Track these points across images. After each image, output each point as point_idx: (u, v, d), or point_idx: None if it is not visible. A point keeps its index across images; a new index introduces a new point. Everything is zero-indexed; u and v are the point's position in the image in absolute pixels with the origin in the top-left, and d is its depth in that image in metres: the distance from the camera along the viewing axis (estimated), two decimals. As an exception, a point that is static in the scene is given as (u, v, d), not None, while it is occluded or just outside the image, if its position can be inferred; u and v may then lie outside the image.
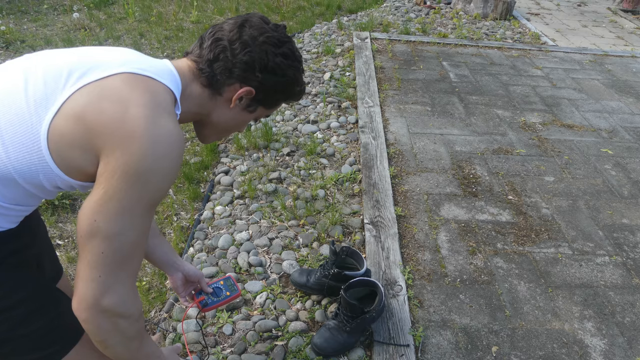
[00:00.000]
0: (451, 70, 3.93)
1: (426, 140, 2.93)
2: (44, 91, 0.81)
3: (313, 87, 3.48)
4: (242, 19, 0.95)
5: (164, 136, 0.80)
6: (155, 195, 0.83)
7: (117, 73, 0.83)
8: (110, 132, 0.78)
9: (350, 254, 1.77)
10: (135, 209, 0.81)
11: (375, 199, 2.33)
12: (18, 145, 0.79)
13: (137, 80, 0.84)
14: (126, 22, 4.60)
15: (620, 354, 1.69)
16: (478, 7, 5.42)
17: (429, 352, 1.65)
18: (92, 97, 0.80)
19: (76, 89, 0.81)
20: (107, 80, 0.82)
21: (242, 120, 1.02)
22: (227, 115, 0.99)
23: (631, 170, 2.77)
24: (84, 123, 0.79)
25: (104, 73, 0.83)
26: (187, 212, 2.27)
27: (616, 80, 4.03)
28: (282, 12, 5.10)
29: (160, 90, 0.85)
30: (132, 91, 0.82)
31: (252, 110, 1.00)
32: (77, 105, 0.80)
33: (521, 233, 2.22)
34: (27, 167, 0.81)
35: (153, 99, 0.83)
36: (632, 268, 2.07)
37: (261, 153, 2.71)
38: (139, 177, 0.79)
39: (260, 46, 0.92)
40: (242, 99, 0.96)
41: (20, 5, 4.85)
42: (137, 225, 0.82)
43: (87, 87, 0.81)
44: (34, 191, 0.86)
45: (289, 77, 0.98)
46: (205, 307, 1.33)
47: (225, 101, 0.96)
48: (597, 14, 6.17)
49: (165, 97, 0.85)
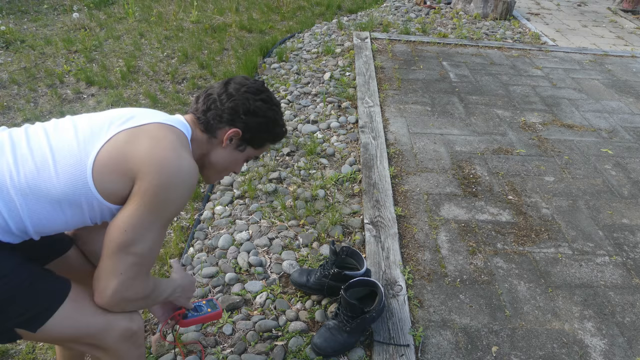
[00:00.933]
0: (451, 70, 3.93)
1: (426, 140, 2.93)
2: (90, 134, 1.03)
3: (313, 87, 3.48)
4: (227, 80, 1.20)
5: (186, 167, 1.03)
6: (174, 213, 1.04)
7: (151, 122, 1.07)
8: (146, 159, 1.00)
9: (350, 254, 1.77)
10: (158, 222, 1.02)
11: (375, 199, 2.33)
12: (68, 174, 0.99)
13: (165, 127, 1.08)
14: (126, 22, 4.60)
15: (620, 354, 1.69)
16: (478, 7, 5.42)
17: (429, 352, 1.65)
18: (131, 136, 1.03)
19: (118, 131, 1.03)
20: (143, 126, 1.06)
21: (235, 159, 1.22)
22: (221, 155, 1.20)
23: (631, 170, 2.77)
24: (124, 153, 1.01)
25: (140, 122, 1.06)
26: (187, 212, 2.27)
27: (616, 80, 4.03)
28: (282, 12, 5.10)
29: (181, 135, 1.10)
30: (163, 132, 1.06)
31: (242, 149, 1.21)
32: (119, 141, 1.02)
33: (521, 233, 2.22)
34: (73, 193, 0.99)
35: (178, 139, 1.07)
36: (632, 268, 2.07)
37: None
38: (166, 197, 1.00)
39: (242, 95, 1.16)
40: (232, 139, 1.18)
41: (20, 5, 4.85)
42: (157, 235, 1.03)
43: (127, 130, 1.04)
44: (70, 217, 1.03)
45: (269, 118, 1.20)
46: (185, 318, 1.31)
47: (219, 143, 1.18)
48: (597, 14, 6.17)
49: (184, 140, 1.10)
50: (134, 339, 1.11)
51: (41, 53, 3.82)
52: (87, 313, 1.03)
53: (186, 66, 3.77)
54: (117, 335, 1.07)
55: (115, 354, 1.10)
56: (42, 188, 0.97)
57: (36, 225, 0.99)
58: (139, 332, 1.12)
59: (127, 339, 1.09)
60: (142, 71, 3.66)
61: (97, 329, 1.05)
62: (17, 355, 1.58)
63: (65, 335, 1.03)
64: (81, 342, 1.06)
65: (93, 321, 1.04)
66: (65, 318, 1.01)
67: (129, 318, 1.09)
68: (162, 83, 3.51)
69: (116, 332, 1.07)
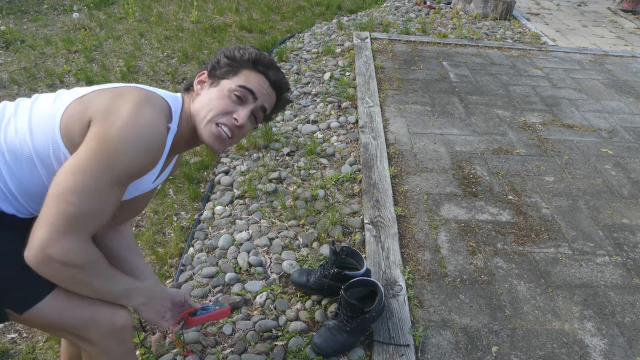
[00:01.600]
0: (451, 70, 3.93)
1: (426, 140, 2.93)
2: (69, 96, 1.01)
3: (313, 87, 3.48)
4: None
5: (144, 120, 0.95)
6: (122, 172, 0.94)
7: (132, 85, 1.04)
8: (102, 107, 0.96)
9: (350, 254, 1.77)
10: (101, 178, 0.92)
11: (375, 199, 2.33)
12: (41, 131, 0.97)
13: (142, 90, 1.03)
14: (126, 22, 4.60)
15: (620, 354, 1.69)
16: (478, 7, 5.42)
17: (429, 352, 1.65)
18: (101, 92, 1.01)
19: (94, 90, 1.02)
20: (120, 87, 1.03)
21: (216, 95, 1.12)
22: (199, 100, 1.13)
23: (631, 170, 2.77)
24: (86, 102, 0.98)
25: (119, 85, 1.04)
26: (187, 212, 2.27)
27: (616, 80, 4.03)
28: (282, 12, 5.10)
29: (157, 99, 1.03)
30: (135, 92, 1.01)
31: (215, 84, 1.13)
32: (89, 96, 1.00)
33: (521, 233, 2.22)
34: (43, 147, 0.97)
35: (147, 98, 1.00)
36: (632, 268, 2.07)
37: (261, 153, 2.71)
38: (115, 147, 0.92)
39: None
40: (204, 83, 1.15)
41: (20, 5, 4.85)
42: (102, 191, 0.93)
43: (102, 89, 1.02)
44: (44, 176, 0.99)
45: (228, 50, 1.16)
46: (194, 316, 1.31)
47: (196, 94, 1.15)
48: (597, 14, 6.17)
49: (160, 103, 1.03)
50: (119, 335, 1.10)
51: (41, 53, 3.82)
52: (74, 304, 1.03)
53: (186, 66, 3.77)
54: (101, 330, 1.07)
55: (99, 349, 1.09)
56: (17, 145, 0.97)
57: (18, 186, 0.98)
58: (124, 328, 1.10)
59: (111, 334, 1.09)
60: (142, 71, 3.66)
61: (82, 321, 1.05)
62: (17, 355, 1.58)
63: (50, 322, 1.03)
64: (67, 332, 1.07)
65: (78, 313, 1.04)
66: (51, 306, 1.01)
67: (113, 312, 1.08)
68: (162, 83, 3.51)
69: (100, 326, 1.06)
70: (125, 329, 1.11)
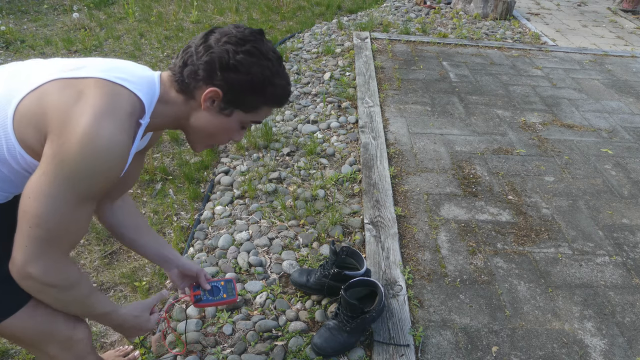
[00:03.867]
0: (451, 70, 3.93)
1: (426, 140, 2.93)
2: (25, 82, 0.89)
3: (313, 87, 3.48)
4: (211, 29, 0.98)
5: (102, 138, 0.84)
6: (85, 190, 0.87)
7: (93, 77, 0.89)
8: (57, 116, 0.84)
9: (350, 254, 1.77)
10: (65, 197, 0.85)
11: (375, 199, 2.33)
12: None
13: (106, 84, 0.89)
14: (126, 22, 4.60)
15: (620, 354, 1.69)
16: (478, 7, 5.42)
17: (429, 352, 1.65)
18: (60, 87, 0.87)
19: (52, 79, 0.88)
20: (81, 80, 0.89)
21: (223, 126, 1.00)
22: (204, 119, 0.99)
23: (631, 170, 2.77)
24: (41, 100, 0.86)
25: (83, 74, 0.89)
26: (187, 212, 2.27)
27: (616, 80, 4.03)
28: (282, 12, 5.10)
29: (124, 98, 0.90)
30: (94, 90, 0.87)
31: (227, 113, 0.98)
32: (45, 91, 0.87)
33: (521, 233, 2.22)
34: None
35: (110, 102, 0.87)
36: (632, 268, 2.07)
37: (261, 153, 2.71)
38: (70, 169, 0.84)
39: (221, 46, 0.93)
40: (214, 101, 0.97)
41: (20, 5, 4.85)
42: (67, 212, 0.87)
43: (62, 80, 0.88)
44: (4, 171, 0.92)
45: (256, 75, 0.94)
46: (199, 302, 1.31)
47: (198, 105, 0.97)
48: (597, 14, 6.17)
49: (125, 104, 0.89)
50: (76, 349, 1.11)
51: (41, 53, 3.82)
52: (35, 318, 1.02)
53: (186, 66, 3.77)
54: (58, 345, 1.07)
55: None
56: None
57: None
58: (81, 342, 1.11)
59: (68, 349, 1.09)
60: (142, 71, 3.66)
61: (41, 335, 1.04)
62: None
63: (12, 333, 1.03)
64: (26, 344, 1.07)
65: (39, 326, 1.03)
66: (17, 318, 1.01)
67: (72, 327, 1.08)
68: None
69: (58, 340, 1.07)
70: (82, 342, 1.12)
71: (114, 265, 1.95)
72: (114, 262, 1.96)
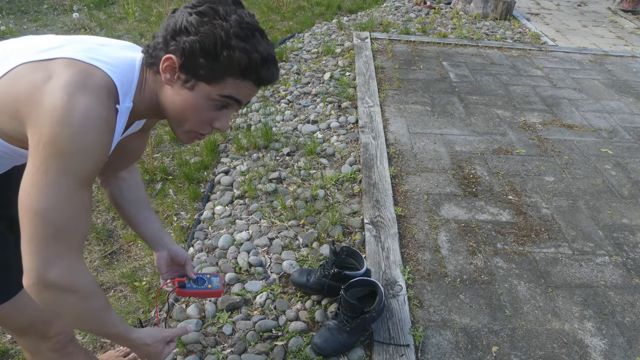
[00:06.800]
0: (451, 70, 3.93)
1: (426, 140, 2.93)
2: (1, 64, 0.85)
3: (313, 87, 3.48)
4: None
5: (78, 111, 0.79)
6: (81, 169, 0.82)
7: (65, 57, 0.84)
8: (29, 100, 0.80)
9: (350, 254, 1.77)
10: (61, 182, 0.81)
11: (375, 199, 2.33)
12: None
13: (77, 64, 0.84)
14: (126, 22, 4.60)
15: (620, 354, 1.69)
16: (478, 7, 5.42)
17: (429, 352, 1.65)
18: (29, 70, 0.82)
19: (26, 61, 0.83)
20: (52, 61, 0.83)
21: (189, 103, 0.90)
22: (169, 96, 0.91)
23: (631, 170, 2.77)
24: (12, 90, 0.82)
25: (56, 54, 0.84)
26: (187, 212, 2.27)
27: (616, 80, 4.03)
28: (282, 12, 5.10)
29: (97, 77, 0.84)
30: (64, 69, 0.82)
31: (190, 87, 0.89)
32: (17, 75, 0.82)
33: (521, 233, 2.22)
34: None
35: (81, 79, 0.82)
36: (632, 268, 2.07)
37: (261, 153, 2.71)
38: (56, 151, 0.79)
39: (181, 11, 0.87)
40: (175, 73, 0.88)
41: (20, 5, 4.85)
42: (67, 199, 0.82)
43: (33, 63, 0.83)
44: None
45: (205, 34, 0.83)
46: (183, 288, 1.27)
47: (163, 80, 0.90)
48: (597, 14, 6.17)
49: (98, 83, 0.84)
50: (54, 344, 1.13)
51: (41, 53, 3.82)
52: (18, 308, 1.04)
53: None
54: (36, 337, 1.09)
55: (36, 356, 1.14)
56: None
57: None
58: (59, 335, 1.13)
59: (45, 341, 1.11)
60: (142, 71, 3.66)
61: (21, 326, 1.06)
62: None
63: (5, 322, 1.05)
64: (10, 329, 1.10)
65: (20, 318, 1.05)
66: (9, 307, 1.03)
67: (50, 321, 1.09)
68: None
69: (36, 332, 1.08)
70: (60, 336, 1.13)
71: (114, 265, 1.95)
72: (114, 262, 1.97)
